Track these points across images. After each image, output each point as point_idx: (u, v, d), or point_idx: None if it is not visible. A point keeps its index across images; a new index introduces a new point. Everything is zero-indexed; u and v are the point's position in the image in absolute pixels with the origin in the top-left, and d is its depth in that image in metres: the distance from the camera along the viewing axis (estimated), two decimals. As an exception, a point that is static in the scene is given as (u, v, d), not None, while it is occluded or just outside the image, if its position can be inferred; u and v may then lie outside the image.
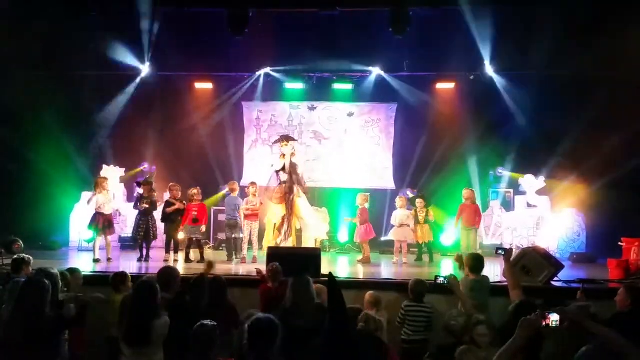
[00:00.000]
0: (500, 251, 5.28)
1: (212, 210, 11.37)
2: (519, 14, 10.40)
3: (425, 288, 5.67)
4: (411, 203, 10.15)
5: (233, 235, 9.40)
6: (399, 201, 9.92)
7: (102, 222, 8.95)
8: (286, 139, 9.69)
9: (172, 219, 9.24)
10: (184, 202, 9.31)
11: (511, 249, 5.55)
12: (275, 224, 9.35)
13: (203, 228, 9.35)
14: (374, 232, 9.79)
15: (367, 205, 9.74)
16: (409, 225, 9.65)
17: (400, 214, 9.69)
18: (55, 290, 4.45)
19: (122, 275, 5.59)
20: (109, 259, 8.91)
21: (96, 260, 8.72)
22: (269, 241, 9.31)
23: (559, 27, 10.00)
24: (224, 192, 10.15)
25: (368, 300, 5.51)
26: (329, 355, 3.51)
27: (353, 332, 3.87)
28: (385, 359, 4.19)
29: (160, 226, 9.52)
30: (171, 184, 9.66)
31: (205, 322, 3.66)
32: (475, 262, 5.59)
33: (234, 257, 9.32)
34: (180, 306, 4.57)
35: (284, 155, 9.40)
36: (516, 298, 4.51)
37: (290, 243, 9.15)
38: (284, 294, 5.51)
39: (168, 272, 4.99)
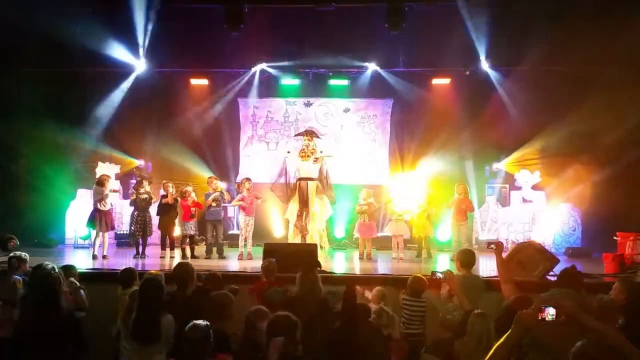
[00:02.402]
0: (491, 245, 5.29)
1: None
2: (515, 9, 10.41)
3: (425, 286, 5.69)
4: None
5: (214, 233, 9.41)
6: (396, 196, 9.94)
7: (101, 219, 8.95)
8: (312, 134, 9.82)
9: (166, 215, 9.25)
10: (177, 198, 9.34)
11: (501, 243, 5.55)
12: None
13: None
14: (376, 231, 9.83)
15: (371, 201, 9.77)
16: (404, 221, 9.68)
17: (396, 209, 9.72)
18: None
19: (130, 271, 5.57)
20: (104, 257, 8.90)
21: (95, 257, 8.71)
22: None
23: (554, 22, 10.02)
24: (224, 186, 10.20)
25: (374, 295, 5.52)
26: (337, 348, 3.54)
27: (361, 328, 3.90)
28: (388, 354, 4.22)
29: (156, 222, 9.51)
30: (164, 180, 9.67)
31: (198, 322, 3.62)
32: (465, 257, 5.58)
33: (215, 254, 9.39)
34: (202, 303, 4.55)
35: (310, 149, 9.41)
36: (508, 292, 4.52)
37: (309, 239, 9.18)
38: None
39: (184, 269, 4.87)
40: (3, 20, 9.36)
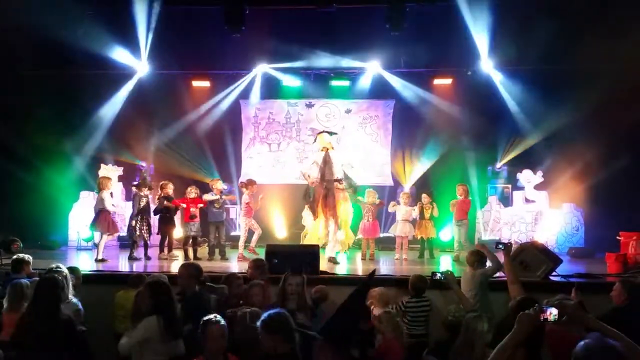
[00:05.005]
0: (500, 246, 5.31)
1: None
2: (516, 9, 10.40)
3: (426, 284, 5.70)
4: (417, 199, 10.13)
5: (216, 234, 9.39)
6: (402, 197, 9.92)
7: (105, 222, 8.93)
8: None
9: (166, 217, 9.23)
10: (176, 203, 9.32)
11: (510, 244, 5.56)
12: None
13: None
14: (379, 231, 9.83)
15: (377, 202, 9.75)
16: (410, 222, 9.68)
17: (403, 210, 9.72)
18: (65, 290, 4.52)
19: (141, 277, 5.61)
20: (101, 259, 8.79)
21: (103, 260, 8.62)
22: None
23: (556, 21, 10.00)
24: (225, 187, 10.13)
25: (377, 299, 5.27)
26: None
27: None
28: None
29: (156, 224, 9.47)
30: (162, 181, 9.61)
31: (217, 318, 3.69)
32: (477, 257, 5.62)
33: (216, 255, 9.33)
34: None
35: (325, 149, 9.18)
36: (515, 293, 4.52)
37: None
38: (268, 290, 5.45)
39: (192, 268, 5.05)
40: (6, 23, 9.39)
